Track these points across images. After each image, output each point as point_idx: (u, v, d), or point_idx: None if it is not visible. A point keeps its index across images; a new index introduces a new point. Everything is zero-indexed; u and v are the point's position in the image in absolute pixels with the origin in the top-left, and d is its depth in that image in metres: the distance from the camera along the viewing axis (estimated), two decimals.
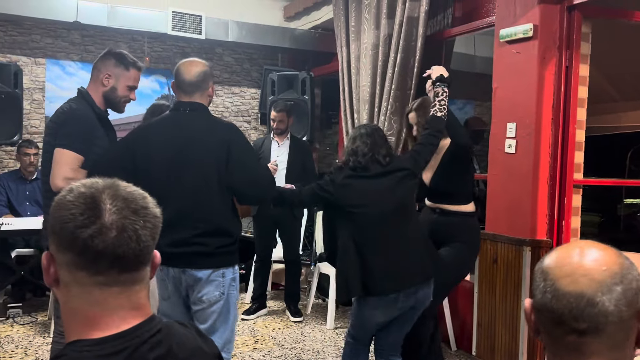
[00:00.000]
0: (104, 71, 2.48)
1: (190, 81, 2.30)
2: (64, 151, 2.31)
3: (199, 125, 2.29)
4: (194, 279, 2.26)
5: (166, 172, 2.20)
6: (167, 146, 2.23)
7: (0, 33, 5.23)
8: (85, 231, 0.86)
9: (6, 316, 4.17)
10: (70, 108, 2.41)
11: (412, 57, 4.09)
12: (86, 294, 0.89)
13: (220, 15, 5.46)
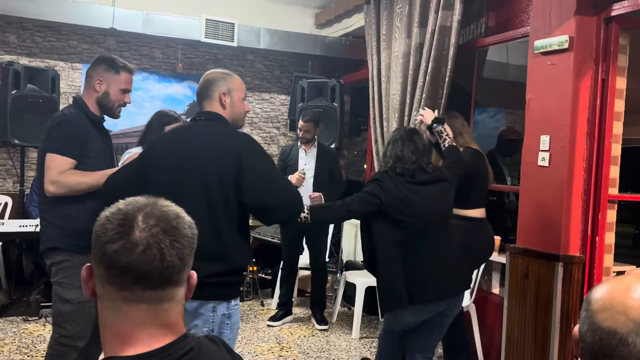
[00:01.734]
0: (95, 77, 2.51)
1: (197, 90, 2.26)
2: (53, 156, 2.37)
3: (207, 136, 2.10)
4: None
5: (167, 185, 1.98)
6: (171, 157, 2.07)
7: (39, 39, 5.38)
8: (112, 246, 0.89)
9: (39, 315, 4.27)
10: (62, 114, 2.49)
11: (444, 66, 4.05)
12: (115, 308, 0.91)
13: (252, 22, 5.51)
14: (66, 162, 2.37)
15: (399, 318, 2.64)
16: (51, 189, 2.36)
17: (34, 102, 4.74)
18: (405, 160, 2.57)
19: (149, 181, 2.04)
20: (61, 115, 2.48)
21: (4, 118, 4.70)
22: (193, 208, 1.94)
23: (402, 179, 2.55)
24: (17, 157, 5.18)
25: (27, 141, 4.79)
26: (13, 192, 5.28)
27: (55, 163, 2.36)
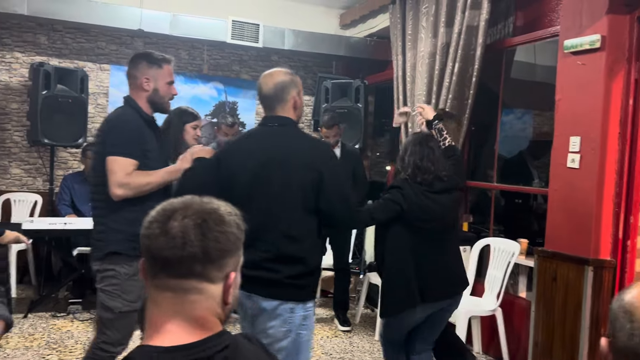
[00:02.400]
0: (140, 76, 2.44)
1: (267, 94, 2.15)
2: (115, 158, 2.28)
3: (286, 143, 2.11)
4: (258, 308, 2.05)
5: (247, 189, 2.05)
6: (250, 163, 2.08)
7: (69, 40, 5.48)
8: (148, 235, 0.95)
9: (67, 312, 4.35)
10: (118, 116, 2.41)
11: (471, 66, 4.01)
12: (151, 294, 0.97)
13: (277, 23, 5.53)
14: (130, 164, 2.29)
15: (405, 320, 2.70)
16: (119, 192, 2.27)
17: (64, 102, 4.83)
18: (424, 170, 2.66)
19: (231, 186, 2.04)
20: (117, 117, 2.40)
21: (34, 118, 4.79)
22: (275, 212, 2.05)
23: (421, 188, 2.65)
24: (47, 156, 5.28)
25: (57, 141, 4.88)
26: (43, 190, 5.38)
27: (120, 166, 2.27)
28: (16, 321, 4.02)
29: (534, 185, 4.42)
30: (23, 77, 5.34)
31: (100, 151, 2.35)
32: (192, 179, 2.18)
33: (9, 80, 5.33)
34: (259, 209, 2.01)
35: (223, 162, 2.16)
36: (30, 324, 4.10)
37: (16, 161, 5.41)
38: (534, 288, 3.39)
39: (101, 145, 2.36)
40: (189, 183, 2.17)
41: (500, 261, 3.79)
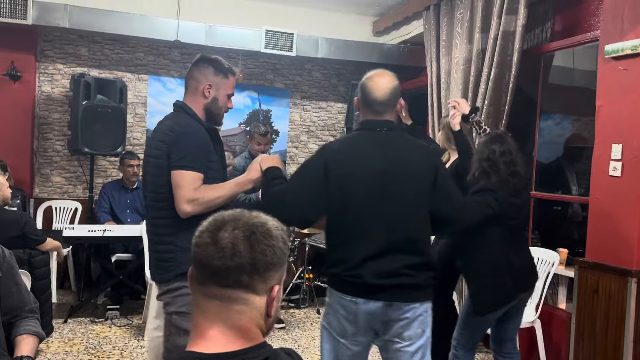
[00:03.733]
0: (204, 82, 2.23)
1: (382, 99, 2.06)
2: (183, 173, 2.09)
3: (403, 148, 2.09)
4: (399, 313, 2.03)
5: (368, 198, 2.01)
6: (368, 171, 2.02)
7: (108, 51, 5.63)
8: (198, 244, 0.98)
9: (105, 317, 4.44)
10: (180, 125, 2.17)
11: (508, 72, 3.94)
12: (197, 302, 1.00)
13: (310, 32, 5.56)
14: (198, 178, 2.11)
15: (488, 320, 2.81)
16: (188, 209, 2.08)
17: (103, 112, 4.96)
18: (518, 177, 2.79)
19: (347, 196, 2.00)
20: (183, 128, 2.15)
21: (75, 127, 4.94)
22: (404, 218, 2.04)
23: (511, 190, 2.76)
24: (87, 165, 5.42)
25: (96, 149, 5.01)
26: (83, 198, 5.53)
27: (188, 180, 2.09)
28: (56, 326, 4.13)
29: (572, 193, 4.31)
30: (64, 87, 5.51)
31: (163, 165, 2.13)
32: (293, 196, 2.03)
33: (51, 91, 5.50)
34: (386, 217, 2.01)
35: (333, 172, 2.02)
36: (70, 329, 4.20)
37: (57, 169, 5.57)
38: (574, 299, 3.29)
39: (165, 158, 2.13)
40: (293, 201, 2.03)
41: (539, 271, 3.69)
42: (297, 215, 2.06)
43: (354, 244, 2.02)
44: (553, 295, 3.95)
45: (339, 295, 2.06)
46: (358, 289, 2.02)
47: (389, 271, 2.00)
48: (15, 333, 2.03)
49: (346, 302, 2.05)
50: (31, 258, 3.58)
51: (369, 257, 2.00)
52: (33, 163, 5.45)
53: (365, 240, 2.01)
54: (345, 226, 2.04)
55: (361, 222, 2.02)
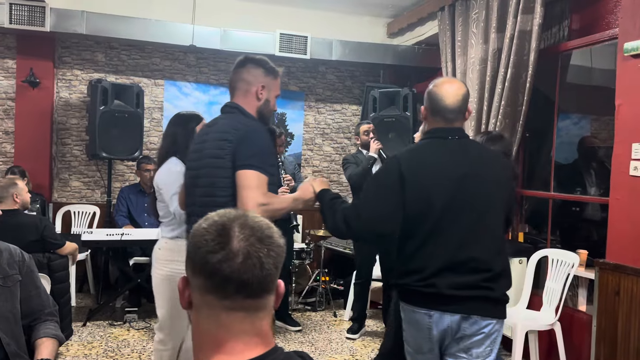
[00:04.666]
0: (255, 83, 2.14)
1: (453, 107, 2.01)
2: (253, 173, 1.97)
3: (479, 156, 2.05)
4: (476, 328, 1.93)
5: (449, 208, 1.94)
6: (447, 181, 1.96)
7: (125, 57, 5.69)
8: (215, 256, 0.92)
9: (123, 320, 4.47)
10: (244, 123, 2.06)
11: (524, 71, 3.90)
12: (214, 316, 0.94)
13: (324, 35, 5.56)
14: (265, 181, 2.00)
15: None
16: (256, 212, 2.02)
17: (120, 117, 5.01)
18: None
19: (426, 207, 1.94)
20: (247, 126, 2.05)
21: (93, 132, 4.99)
22: (486, 228, 1.99)
23: None
24: (105, 169, 5.48)
25: (114, 154, 5.06)
26: (101, 202, 5.59)
27: (257, 182, 1.97)
28: (75, 329, 4.17)
29: (591, 193, 4.24)
30: (82, 93, 5.58)
31: (226, 165, 2.00)
32: (374, 207, 1.97)
33: (68, 97, 5.58)
34: (466, 226, 1.95)
35: (410, 182, 1.95)
36: (89, 332, 4.24)
37: (76, 174, 5.64)
38: (595, 301, 3.24)
39: (228, 157, 2.00)
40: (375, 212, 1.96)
41: (558, 273, 3.65)
42: (375, 229, 1.99)
43: (430, 254, 1.94)
44: (573, 297, 3.90)
45: (411, 309, 1.99)
46: (432, 301, 1.94)
47: (468, 283, 1.92)
48: (35, 336, 2.05)
49: (420, 315, 1.96)
50: (50, 262, 3.62)
51: (446, 267, 1.93)
52: (52, 168, 5.52)
53: (443, 249, 1.94)
54: (422, 236, 1.96)
55: (440, 232, 1.95)
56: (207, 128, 2.18)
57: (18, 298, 2.03)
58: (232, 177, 1.98)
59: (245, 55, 2.21)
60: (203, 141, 2.13)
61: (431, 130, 2.07)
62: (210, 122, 2.21)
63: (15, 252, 2.10)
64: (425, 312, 1.95)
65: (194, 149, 2.19)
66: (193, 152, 2.20)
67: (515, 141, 4.00)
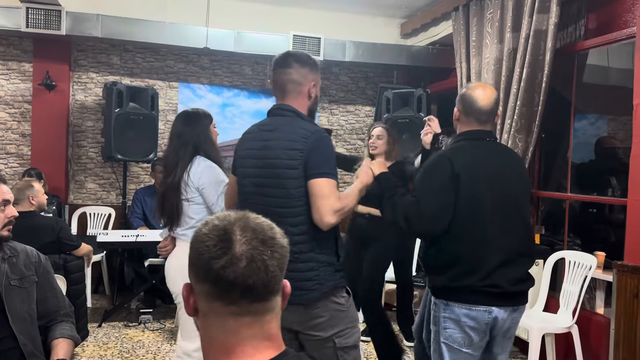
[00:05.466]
0: (306, 82, 2.07)
1: (487, 109, 2.16)
2: (326, 181, 1.94)
3: (510, 156, 2.27)
4: (519, 316, 2.19)
5: (498, 206, 2.09)
6: (494, 180, 2.11)
7: (140, 60, 5.74)
8: (218, 262, 0.90)
9: (138, 321, 4.50)
10: (310, 131, 2.00)
11: (540, 71, 3.86)
12: (222, 323, 0.92)
13: (338, 36, 5.56)
14: (335, 185, 1.99)
15: None
16: (332, 220, 1.93)
17: (135, 120, 5.04)
18: None
19: (478, 206, 2.08)
20: (313, 133, 1.99)
21: (108, 135, 5.03)
22: (527, 223, 2.17)
23: None
24: (120, 171, 5.52)
25: (129, 156, 5.10)
26: (116, 204, 5.63)
27: (331, 189, 1.95)
28: (91, 330, 4.20)
29: (608, 194, 4.18)
30: (97, 96, 5.63)
31: (300, 175, 1.95)
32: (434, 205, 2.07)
33: (84, 100, 5.63)
34: (512, 224, 2.13)
35: (464, 183, 2.06)
36: (104, 333, 4.27)
37: (91, 176, 5.69)
38: (613, 304, 3.19)
39: (301, 167, 1.95)
40: (434, 208, 2.06)
41: (576, 275, 3.60)
42: (434, 228, 2.09)
43: (484, 253, 2.07)
44: (590, 299, 3.84)
45: (468, 307, 2.09)
46: (495, 298, 2.08)
47: (520, 277, 2.11)
48: (51, 337, 2.07)
49: (478, 313, 2.08)
50: (66, 263, 3.65)
51: (500, 265, 2.07)
52: (68, 170, 5.58)
53: (496, 248, 2.08)
54: (474, 237, 2.08)
55: (491, 231, 2.09)
56: (265, 133, 2.07)
57: (34, 299, 2.05)
58: (305, 187, 1.95)
59: (286, 52, 2.15)
60: (264, 147, 2.04)
61: (467, 132, 2.19)
62: (266, 125, 2.10)
63: (32, 254, 2.12)
64: (485, 309, 2.07)
65: (251, 155, 2.08)
66: (249, 157, 2.09)
67: (531, 142, 3.96)
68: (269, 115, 2.14)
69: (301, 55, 2.12)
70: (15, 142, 5.48)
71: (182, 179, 2.57)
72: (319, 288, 1.96)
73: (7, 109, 5.45)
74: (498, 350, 2.22)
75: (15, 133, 5.48)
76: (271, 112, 2.13)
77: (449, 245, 2.10)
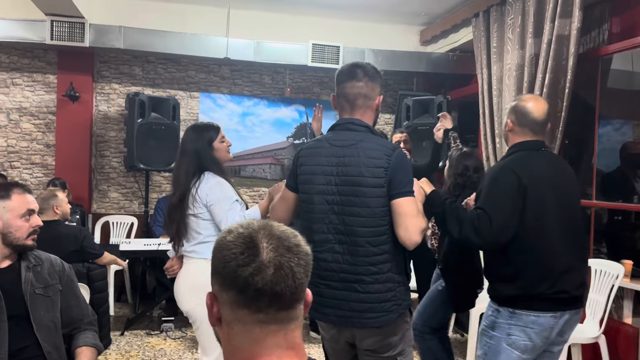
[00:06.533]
0: (374, 96, 2.02)
1: (542, 120, 2.23)
2: (412, 200, 1.91)
3: (564, 165, 2.32)
4: (578, 318, 2.25)
5: (561, 214, 2.16)
6: (557, 190, 2.18)
7: (161, 70, 5.81)
8: (246, 269, 0.89)
9: (160, 330, 4.52)
10: (390, 148, 1.95)
11: (563, 77, 3.80)
12: (247, 332, 0.91)
13: (357, 44, 5.56)
14: None
15: None
16: (420, 239, 1.90)
17: (157, 129, 5.10)
18: None
19: (544, 215, 2.13)
20: (393, 151, 1.94)
21: (130, 145, 5.09)
22: (579, 231, 2.22)
23: None
24: (142, 181, 5.58)
25: (151, 165, 5.15)
26: (138, 213, 5.69)
27: (417, 207, 1.94)
28: (114, 338, 4.24)
29: (635, 201, 4.09)
30: (120, 106, 5.72)
31: (384, 194, 1.89)
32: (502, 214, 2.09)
33: (107, 110, 5.72)
34: (573, 232, 2.19)
35: (530, 191, 2.12)
36: (126, 341, 4.30)
37: (114, 186, 5.76)
38: None
39: (386, 185, 1.90)
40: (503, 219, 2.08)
41: (602, 284, 3.52)
42: (503, 238, 2.11)
43: (551, 262, 2.12)
44: (618, 309, 3.75)
45: (536, 315, 2.12)
46: (563, 304, 2.14)
47: (581, 282, 2.19)
48: (75, 345, 2.08)
49: (545, 319, 2.13)
50: (89, 272, 3.69)
51: (565, 271, 2.13)
52: (91, 180, 5.66)
53: (561, 255, 2.14)
54: (542, 246, 2.12)
55: (556, 240, 2.14)
56: (339, 149, 1.96)
57: (59, 307, 2.07)
58: (389, 205, 1.90)
59: (354, 64, 2.05)
60: (341, 164, 1.94)
61: (523, 142, 2.24)
62: (338, 141, 1.98)
63: (56, 262, 2.14)
64: (553, 315, 2.12)
65: (323, 171, 1.97)
66: (321, 174, 1.98)
67: (555, 148, 3.90)
68: (336, 129, 2.04)
69: (369, 67, 2.04)
70: (39, 152, 5.59)
71: (189, 194, 2.49)
72: (396, 309, 1.92)
73: (32, 120, 5.56)
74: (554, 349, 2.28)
75: (40, 143, 5.58)
76: (339, 127, 2.02)
77: (515, 255, 2.13)
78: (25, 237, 2.02)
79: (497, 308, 2.21)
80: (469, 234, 2.10)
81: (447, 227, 2.19)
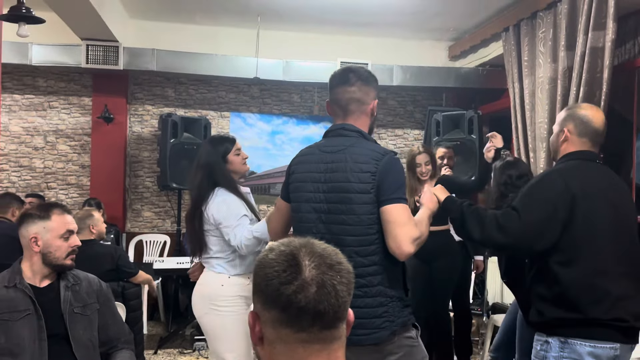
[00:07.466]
0: (368, 101, 1.94)
1: (601, 131, 2.04)
2: (402, 207, 1.80)
3: (619, 179, 2.13)
4: (631, 354, 1.96)
5: (614, 230, 1.92)
6: (610, 204, 1.94)
7: (193, 91, 5.92)
8: (289, 287, 0.88)
9: (193, 348, 4.53)
10: (380, 152, 1.86)
11: (598, 89, 3.73)
12: (290, 352, 0.90)
13: (385, 61, 5.57)
14: (411, 213, 1.86)
15: None
16: (412, 250, 1.78)
17: (189, 149, 5.17)
18: None
19: (595, 226, 1.89)
20: (383, 155, 1.85)
21: (163, 164, 5.17)
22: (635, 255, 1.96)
23: None
24: (175, 200, 5.65)
25: (184, 185, 5.19)
26: (171, 231, 5.76)
27: (408, 215, 1.81)
28: (147, 357, 4.26)
29: None
30: (153, 127, 5.83)
31: (372, 200, 1.80)
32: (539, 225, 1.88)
33: (141, 131, 5.83)
34: (632, 251, 1.94)
35: (581, 202, 1.88)
36: None
37: (148, 205, 5.85)
38: None
39: (374, 191, 1.80)
40: (538, 228, 1.88)
41: None
42: (533, 240, 1.88)
43: (603, 282, 1.85)
44: None
45: (593, 345, 1.84)
46: (621, 334, 1.85)
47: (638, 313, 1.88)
48: None
49: (604, 350, 1.84)
50: (124, 290, 3.73)
51: (621, 297, 1.85)
52: (125, 199, 5.76)
53: (615, 277, 1.86)
54: (591, 262, 1.86)
55: (609, 258, 1.88)
56: (328, 155, 1.89)
57: (96, 326, 2.09)
58: (378, 213, 1.80)
59: (346, 68, 1.98)
60: (329, 170, 1.87)
61: (579, 152, 2.03)
62: (328, 147, 1.91)
63: (94, 281, 2.17)
64: (612, 347, 1.84)
65: (312, 178, 1.91)
66: (310, 181, 1.91)
67: None
68: (328, 136, 1.97)
69: (362, 71, 1.95)
70: (75, 173, 5.72)
71: (204, 210, 2.50)
72: (389, 326, 1.79)
73: (67, 142, 5.71)
74: None
75: (76, 164, 5.72)
76: (331, 133, 1.96)
77: (561, 271, 1.87)
78: (64, 257, 2.06)
79: (547, 339, 1.93)
80: (493, 233, 1.87)
81: (467, 231, 1.98)
